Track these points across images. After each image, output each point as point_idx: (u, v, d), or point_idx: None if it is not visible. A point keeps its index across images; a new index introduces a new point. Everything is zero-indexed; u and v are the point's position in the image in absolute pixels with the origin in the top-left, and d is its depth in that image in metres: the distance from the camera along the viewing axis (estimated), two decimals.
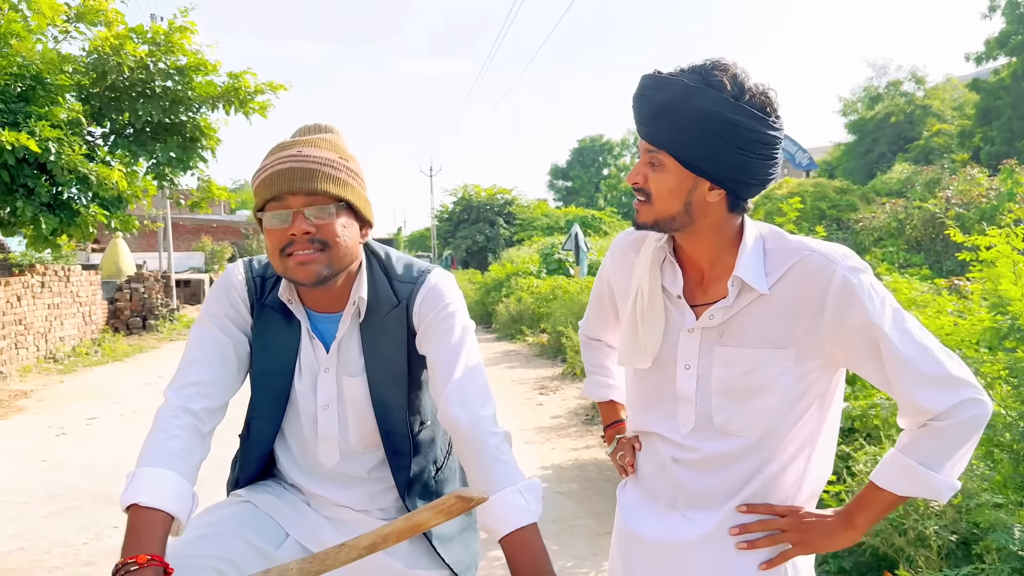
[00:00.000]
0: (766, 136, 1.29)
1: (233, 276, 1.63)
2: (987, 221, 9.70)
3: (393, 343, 1.60)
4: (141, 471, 1.35)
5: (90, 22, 9.79)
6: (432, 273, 1.65)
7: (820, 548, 1.39)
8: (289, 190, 1.46)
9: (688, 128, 1.28)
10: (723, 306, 1.37)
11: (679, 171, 1.32)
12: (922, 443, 1.31)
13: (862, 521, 1.37)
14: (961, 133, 23.87)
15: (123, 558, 1.23)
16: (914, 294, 5.07)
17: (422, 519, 1.18)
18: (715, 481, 1.41)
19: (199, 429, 1.47)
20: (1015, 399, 2.97)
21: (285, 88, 10.67)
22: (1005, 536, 2.55)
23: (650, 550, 1.46)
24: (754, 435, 1.38)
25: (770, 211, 12.71)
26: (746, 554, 1.39)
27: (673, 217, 1.35)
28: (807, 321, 1.33)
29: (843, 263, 1.31)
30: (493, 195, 35.99)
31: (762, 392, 1.36)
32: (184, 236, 32.02)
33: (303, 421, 1.62)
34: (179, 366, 1.55)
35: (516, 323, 14.95)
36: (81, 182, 9.01)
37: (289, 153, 1.49)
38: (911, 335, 1.30)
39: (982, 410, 1.29)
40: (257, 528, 1.53)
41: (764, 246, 1.37)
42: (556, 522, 4.31)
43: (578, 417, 7.22)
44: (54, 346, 12.26)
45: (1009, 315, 3.02)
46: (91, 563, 3.89)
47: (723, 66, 1.29)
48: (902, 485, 1.33)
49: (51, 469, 5.70)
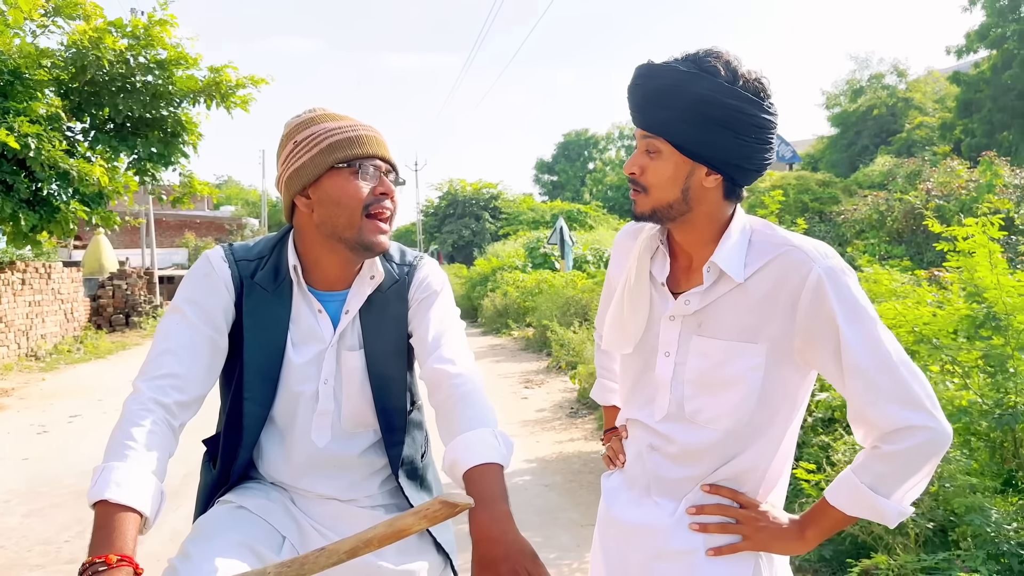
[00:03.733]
0: (761, 120, 1.30)
1: (213, 260, 1.58)
2: (966, 213, 9.79)
3: (393, 317, 1.64)
4: (110, 466, 1.28)
5: (68, 16, 9.66)
6: (426, 258, 1.72)
7: (769, 549, 1.39)
8: (380, 154, 1.54)
9: (684, 113, 1.29)
10: (698, 292, 1.38)
11: (676, 157, 1.32)
12: (872, 466, 1.29)
13: (812, 534, 1.37)
14: (942, 126, 24.06)
15: (91, 557, 1.16)
16: (895, 285, 5.12)
17: (405, 524, 1.16)
18: (684, 472, 1.42)
19: (170, 423, 1.40)
20: (991, 387, 3.00)
21: (267, 82, 10.58)
22: (982, 518, 2.59)
23: (624, 533, 1.49)
24: (720, 428, 1.38)
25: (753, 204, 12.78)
26: (706, 542, 1.40)
27: (671, 204, 1.35)
28: (780, 316, 1.32)
29: (823, 262, 1.30)
30: (479, 189, 35.97)
31: (731, 386, 1.36)
32: (167, 232, 31.79)
33: (299, 399, 1.59)
34: (149, 356, 1.47)
35: (502, 317, 14.97)
36: (61, 178, 8.92)
37: (360, 123, 1.57)
38: (877, 347, 1.27)
39: (934, 438, 1.25)
40: (256, 533, 1.50)
41: (751, 238, 1.38)
42: (540, 514, 4.32)
43: (563, 410, 7.24)
44: (35, 344, 12.15)
45: (985, 303, 3.05)
46: (73, 561, 3.86)
47: (716, 53, 1.30)
48: (850, 506, 1.32)
49: (32, 467, 5.66)
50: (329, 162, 1.51)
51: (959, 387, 3.18)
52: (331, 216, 1.52)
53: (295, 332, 1.60)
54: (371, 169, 1.53)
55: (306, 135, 1.54)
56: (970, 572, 2.50)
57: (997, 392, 2.93)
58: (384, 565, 1.57)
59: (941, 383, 3.26)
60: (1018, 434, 2.95)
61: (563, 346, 9.41)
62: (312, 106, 1.63)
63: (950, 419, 3.00)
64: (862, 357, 1.26)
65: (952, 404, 3.07)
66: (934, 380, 3.30)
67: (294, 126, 1.58)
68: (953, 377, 3.30)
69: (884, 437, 1.27)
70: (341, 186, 1.51)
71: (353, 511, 1.65)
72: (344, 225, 1.52)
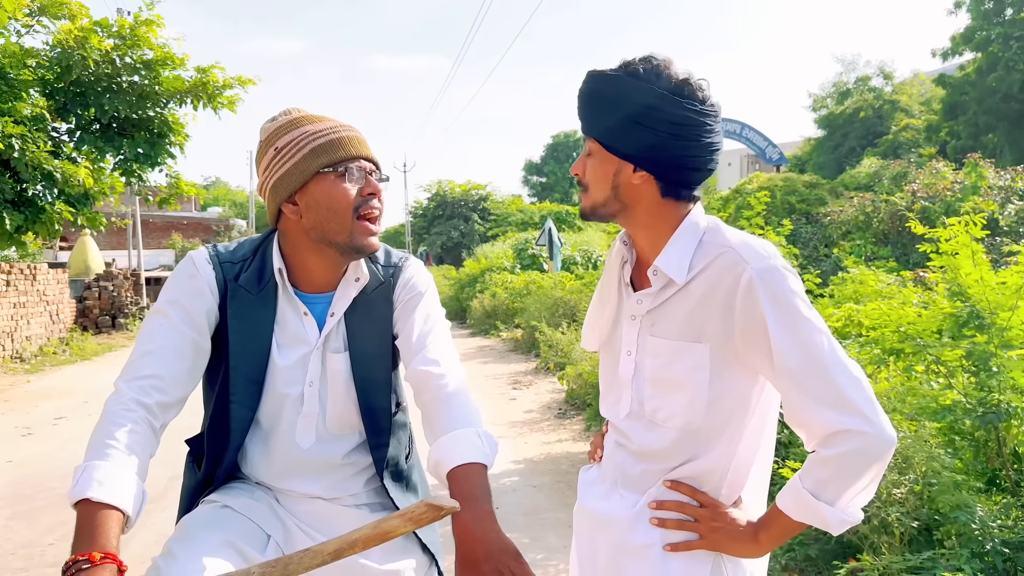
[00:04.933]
0: (681, 117, 1.32)
1: (198, 262, 1.57)
2: (951, 214, 9.86)
3: (379, 319, 1.64)
4: (92, 465, 1.28)
5: (54, 15, 9.59)
6: (411, 259, 1.72)
7: (723, 549, 1.39)
8: (365, 155, 1.54)
9: (608, 113, 1.36)
10: (648, 293, 1.42)
11: (604, 155, 1.39)
12: (814, 471, 1.28)
13: (765, 538, 1.37)
14: (928, 128, 24.24)
15: (74, 555, 1.16)
16: (880, 286, 5.16)
17: (390, 527, 1.17)
18: (645, 467, 1.45)
19: (152, 424, 1.41)
20: (975, 386, 3.02)
21: (254, 83, 10.53)
22: (967, 515, 2.60)
23: (592, 523, 1.53)
24: (677, 427, 1.40)
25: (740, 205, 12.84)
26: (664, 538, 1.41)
27: (604, 202, 1.41)
28: (719, 318, 1.34)
29: (756, 263, 1.30)
30: (467, 191, 35.96)
31: (680, 385, 1.38)
32: (154, 233, 31.62)
33: (284, 401, 1.59)
34: (132, 356, 1.48)
35: (490, 318, 14.96)
36: (46, 179, 8.85)
37: (341, 124, 1.56)
38: (808, 348, 1.26)
39: (869, 444, 1.22)
40: (240, 533, 1.49)
41: (702, 239, 1.39)
42: (528, 515, 4.32)
43: (551, 411, 7.25)
44: (20, 345, 12.06)
45: (968, 302, 3.07)
46: (57, 564, 3.83)
47: (647, 58, 1.36)
48: (795, 511, 1.31)
49: (16, 469, 5.61)
50: (314, 167, 1.50)
51: (943, 386, 3.20)
52: (321, 221, 1.52)
53: (280, 335, 1.60)
54: (356, 171, 1.52)
55: (287, 140, 1.53)
56: (954, 571, 2.52)
57: (981, 391, 2.95)
58: (369, 565, 1.57)
59: (926, 382, 3.28)
60: (1002, 432, 2.96)
61: (551, 347, 9.42)
62: (287, 107, 1.62)
63: (934, 417, 3.03)
64: (792, 359, 1.26)
65: (936, 402, 3.08)
66: (919, 380, 3.32)
67: (272, 131, 1.56)
68: (938, 376, 3.32)
69: (821, 441, 1.27)
70: (329, 191, 1.50)
71: (337, 510, 1.64)
72: (336, 230, 1.52)
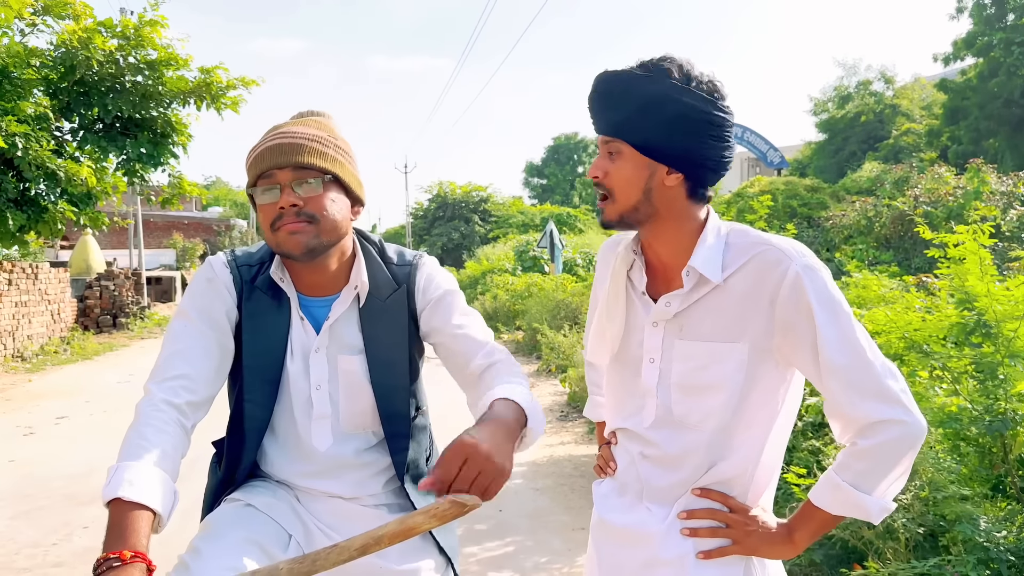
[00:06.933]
0: (715, 118, 1.33)
1: (215, 266, 1.63)
2: (954, 219, 9.87)
3: (395, 325, 1.64)
4: (124, 465, 1.30)
5: (58, 15, 9.61)
6: (425, 256, 1.73)
7: (758, 553, 1.41)
8: (277, 165, 1.51)
9: (640, 113, 1.33)
10: (677, 295, 1.40)
11: (636, 157, 1.35)
12: (852, 463, 1.32)
13: (800, 537, 1.39)
14: (929, 132, 24.23)
15: (105, 553, 1.18)
16: (883, 291, 5.15)
17: (415, 522, 1.18)
18: (673, 478, 1.44)
19: (183, 424, 1.43)
20: (981, 393, 3.03)
21: (257, 83, 10.56)
22: (971, 527, 2.61)
23: (617, 538, 1.51)
24: (708, 428, 1.40)
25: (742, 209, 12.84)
26: (696, 547, 1.41)
27: (636, 207, 1.37)
28: (759, 314, 1.35)
29: (799, 260, 1.33)
30: (468, 192, 35.95)
31: (715, 387, 1.38)
32: (155, 233, 31.64)
33: (295, 404, 1.62)
34: (160, 359, 1.52)
35: (491, 320, 14.96)
36: (49, 178, 8.87)
37: (279, 131, 1.55)
38: (852, 343, 1.30)
39: (908, 431, 1.28)
40: (263, 531, 1.52)
41: (727, 240, 1.40)
42: (531, 518, 4.32)
43: (553, 414, 7.25)
44: (22, 345, 12.05)
45: (975, 311, 3.07)
46: (60, 564, 3.84)
47: (669, 58, 1.35)
48: (835, 505, 1.34)
49: (19, 469, 5.60)
50: (249, 189, 1.57)
51: (948, 393, 3.21)
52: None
53: (292, 338, 1.63)
54: (262, 191, 1.54)
55: (249, 151, 1.58)
56: None
57: (987, 399, 2.95)
58: (387, 566, 1.58)
59: (931, 389, 3.29)
60: (1007, 440, 2.97)
61: (553, 349, 9.41)
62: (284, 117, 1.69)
63: (940, 425, 3.04)
64: (839, 354, 1.29)
65: (942, 411, 3.09)
66: (924, 386, 3.33)
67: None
68: (943, 383, 3.32)
69: (860, 432, 1.31)
70: (258, 202, 1.56)
71: (357, 510, 1.66)
72: (271, 242, 1.57)
